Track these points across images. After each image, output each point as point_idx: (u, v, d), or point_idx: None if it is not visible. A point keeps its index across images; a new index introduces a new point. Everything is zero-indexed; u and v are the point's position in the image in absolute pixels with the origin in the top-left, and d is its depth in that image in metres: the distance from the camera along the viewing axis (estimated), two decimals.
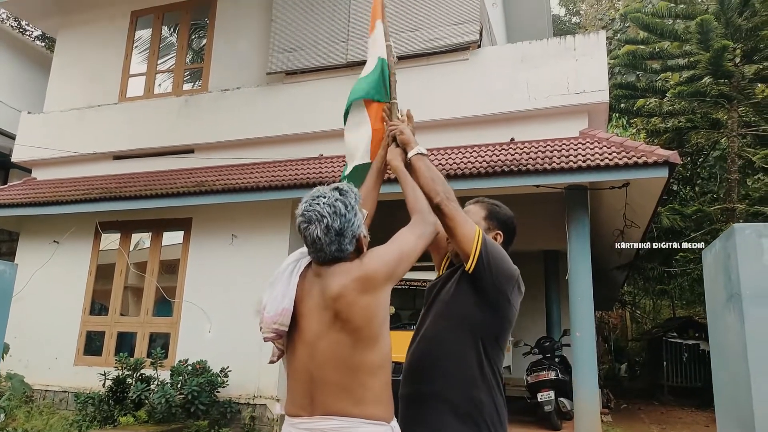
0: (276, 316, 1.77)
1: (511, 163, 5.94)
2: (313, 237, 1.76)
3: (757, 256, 2.49)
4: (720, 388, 2.82)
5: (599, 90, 6.34)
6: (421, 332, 2.08)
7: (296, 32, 7.68)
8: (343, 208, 1.77)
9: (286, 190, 6.69)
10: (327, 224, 1.75)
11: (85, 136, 8.65)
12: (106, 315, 7.78)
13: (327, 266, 1.80)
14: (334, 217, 1.76)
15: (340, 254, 1.78)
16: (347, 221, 1.77)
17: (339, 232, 1.76)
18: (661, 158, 5.34)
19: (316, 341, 1.73)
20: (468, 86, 6.80)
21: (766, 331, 2.42)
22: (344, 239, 1.77)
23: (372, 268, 1.73)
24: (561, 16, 19.61)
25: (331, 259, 1.79)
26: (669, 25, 8.51)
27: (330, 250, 1.77)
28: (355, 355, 1.70)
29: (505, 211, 2.25)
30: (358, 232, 1.80)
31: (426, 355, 2.03)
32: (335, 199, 1.78)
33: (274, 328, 1.78)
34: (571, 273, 6.04)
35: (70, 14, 9.73)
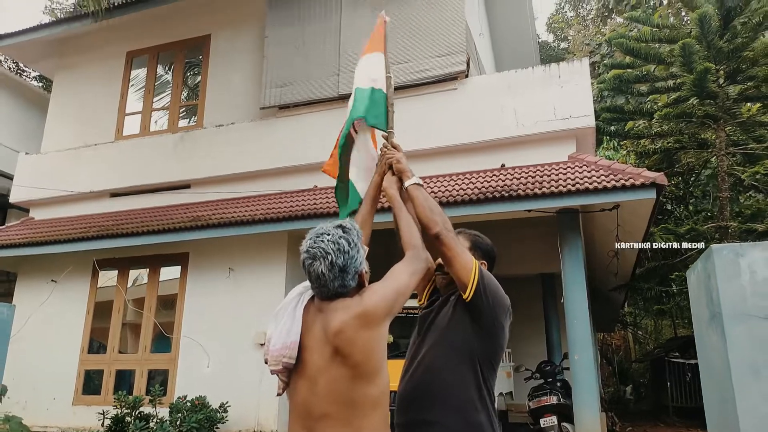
0: (284, 349, 1.82)
1: (502, 188, 6.04)
2: (317, 273, 1.82)
3: (735, 276, 2.57)
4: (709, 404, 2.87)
5: (585, 115, 6.49)
6: (417, 360, 2.15)
7: (288, 67, 7.87)
8: (347, 245, 1.83)
9: (282, 222, 6.77)
10: (331, 261, 1.80)
11: (81, 174, 8.77)
12: (104, 353, 7.78)
13: (329, 301, 1.85)
14: (338, 254, 1.81)
15: (342, 290, 1.84)
16: (350, 258, 1.83)
17: (342, 269, 1.81)
18: (648, 180, 5.44)
19: (317, 375, 1.77)
20: (458, 115, 6.95)
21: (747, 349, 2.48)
22: (347, 275, 1.82)
23: (372, 304, 1.79)
24: (549, 42, 20.04)
25: (334, 294, 1.84)
26: (653, 49, 8.73)
27: (333, 286, 1.82)
28: (354, 389, 1.74)
29: (486, 241, 2.36)
30: (360, 268, 1.86)
31: (423, 383, 2.09)
32: (339, 236, 1.84)
33: (284, 362, 1.82)
34: (567, 295, 6.09)
35: (66, 56, 9.96)
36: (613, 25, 15.71)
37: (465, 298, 2.08)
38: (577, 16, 20.82)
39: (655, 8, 12.45)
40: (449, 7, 7.25)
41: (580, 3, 21.07)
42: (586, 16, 20.18)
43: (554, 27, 20.70)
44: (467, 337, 2.09)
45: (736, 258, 2.72)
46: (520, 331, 10.74)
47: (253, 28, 8.56)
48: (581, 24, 19.47)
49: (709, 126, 8.53)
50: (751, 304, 2.63)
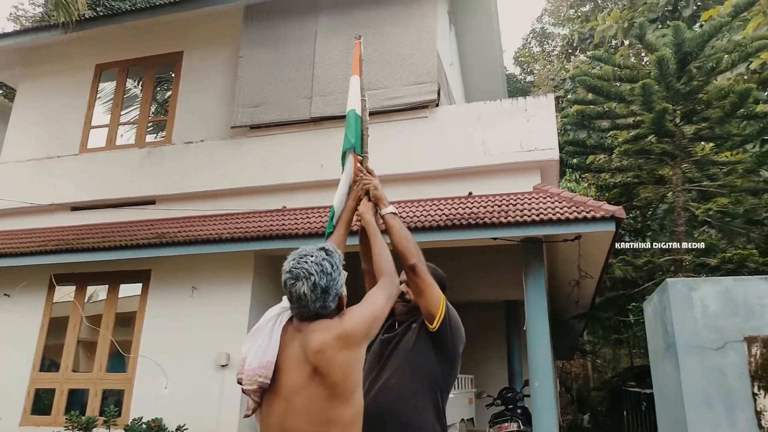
0: (260, 368, 1.82)
1: (469, 216, 6.17)
2: (299, 293, 1.85)
3: (688, 309, 2.71)
4: None
5: (550, 148, 6.71)
6: (379, 383, 2.23)
7: (261, 88, 7.91)
8: (330, 267, 1.88)
9: (249, 242, 6.72)
10: (314, 282, 1.84)
11: (42, 186, 8.54)
12: (56, 371, 7.50)
13: (308, 322, 1.88)
14: (321, 276, 1.86)
15: (323, 311, 1.88)
16: (333, 280, 1.88)
17: (325, 290, 1.86)
18: (608, 213, 5.64)
19: (292, 395, 1.79)
20: (427, 142, 7.10)
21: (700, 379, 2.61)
22: (329, 297, 1.87)
23: (351, 326, 1.83)
24: (516, 74, 20.67)
25: (314, 315, 1.88)
26: (615, 87, 9.12)
27: (314, 307, 1.86)
28: (331, 409, 1.76)
29: (441, 273, 2.50)
30: (341, 291, 1.92)
31: (388, 406, 2.17)
32: (322, 258, 1.89)
33: (259, 382, 1.82)
34: (529, 322, 6.21)
35: (32, 66, 9.77)
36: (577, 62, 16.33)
37: (432, 329, 2.21)
38: (542, 51, 21.57)
39: (617, 48, 13.03)
40: (422, 36, 7.44)
41: (545, 39, 21.86)
42: (551, 52, 20.93)
43: (521, 60, 21.38)
44: (430, 364, 2.22)
45: (689, 292, 2.88)
46: (483, 357, 10.85)
47: (227, 47, 8.59)
48: (546, 59, 20.17)
49: (666, 163, 8.91)
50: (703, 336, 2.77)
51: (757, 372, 2.53)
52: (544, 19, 22.14)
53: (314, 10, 8.07)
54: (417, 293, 2.24)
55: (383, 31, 7.58)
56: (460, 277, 7.64)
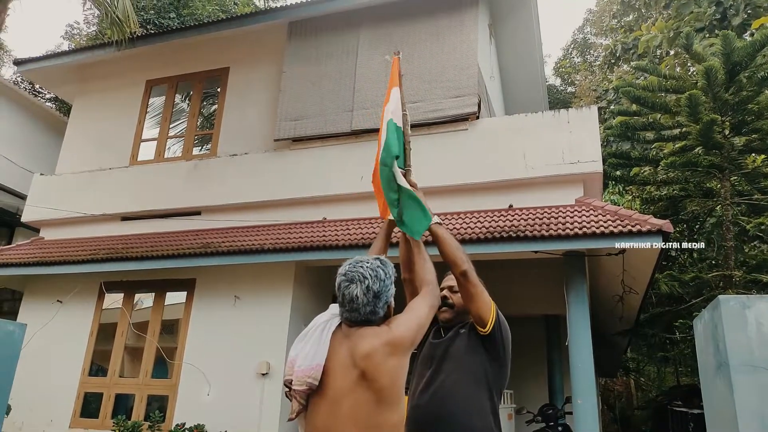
0: (309, 370, 1.88)
1: (509, 229, 6.12)
2: (351, 296, 1.91)
3: (741, 327, 2.62)
4: None
5: (593, 161, 6.61)
6: (433, 386, 2.31)
7: (303, 102, 8.08)
8: (383, 275, 1.95)
9: (290, 252, 6.83)
10: (367, 285, 1.91)
11: (94, 197, 8.90)
12: (104, 376, 7.76)
13: (356, 328, 1.93)
14: (374, 280, 1.92)
15: (372, 317, 1.93)
16: (385, 287, 1.94)
17: (376, 295, 1.92)
18: (655, 227, 5.51)
19: (340, 399, 1.83)
20: (468, 155, 7.09)
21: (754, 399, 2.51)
22: (379, 303, 1.93)
23: (399, 333, 1.88)
24: (557, 85, 20.45)
25: (363, 320, 1.93)
26: (660, 98, 8.92)
27: (365, 311, 1.91)
28: (377, 413, 1.80)
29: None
30: (390, 300, 1.98)
31: (443, 407, 2.26)
32: (377, 266, 1.97)
33: (308, 383, 1.87)
34: (571, 338, 6.09)
35: (87, 82, 10.22)
36: (620, 72, 16.05)
37: (484, 332, 2.33)
38: (584, 61, 21.28)
39: (662, 58, 12.75)
40: (462, 50, 7.47)
41: (587, 49, 21.57)
42: (593, 63, 20.63)
43: (562, 71, 21.14)
44: (483, 366, 2.33)
45: (742, 309, 2.78)
46: (523, 373, 10.64)
47: (271, 63, 8.81)
48: (588, 70, 19.89)
49: (714, 176, 8.65)
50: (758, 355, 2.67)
51: None
52: (586, 29, 21.86)
53: (356, 25, 8.20)
54: (468, 298, 2.34)
55: (424, 44, 7.64)
56: (500, 290, 7.54)
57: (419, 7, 7.90)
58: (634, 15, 16.36)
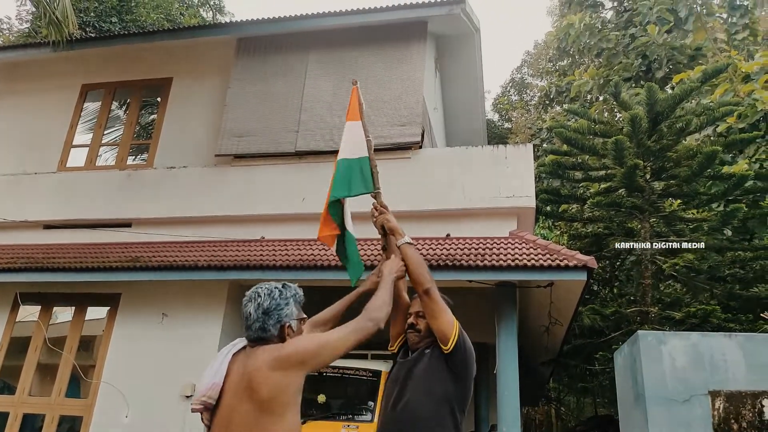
0: (206, 389, 2.00)
1: (446, 257, 6.27)
2: (246, 313, 2.08)
3: (657, 361, 2.83)
4: None
5: (527, 196, 6.92)
6: (399, 405, 2.39)
7: (248, 119, 8.01)
8: (278, 295, 2.09)
9: (225, 270, 6.69)
10: (259, 303, 2.06)
11: (15, 203, 8.39)
12: (12, 394, 7.23)
13: (254, 347, 2.06)
14: (267, 298, 2.07)
15: (263, 334, 2.05)
16: (276, 305, 2.06)
17: (266, 312, 2.04)
18: (581, 262, 5.81)
19: (230, 414, 1.94)
20: (409, 183, 7.23)
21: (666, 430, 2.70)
22: (269, 320, 2.04)
23: (287, 351, 1.98)
24: (495, 120, 21.27)
25: (256, 338, 2.06)
26: (589, 140, 9.47)
27: (255, 327, 2.05)
28: (259, 424, 1.89)
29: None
30: (284, 320, 2.08)
31: (407, 425, 2.33)
32: (275, 287, 2.12)
33: (203, 401, 2.00)
34: (499, 367, 6.26)
35: (16, 82, 9.71)
36: (553, 113, 16.90)
37: (446, 350, 2.41)
38: (521, 100, 22.29)
39: (592, 103, 13.57)
40: (409, 80, 7.68)
41: (524, 89, 22.61)
42: (529, 101, 21.64)
43: (500, 108, 22.03)
44: (447, 385, 2.40)
45: (659, 345, 3.01)
46: None
47: (217, 77, 8.70)
48: (524, 108, 20.83)
49: (635, 216, 9.22)
50: (671, 388, 2.88)
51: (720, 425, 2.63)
52: (524, 70, 22.95)
53: (305, 46, 8.27)
54: (431, 316, 2.45)
55: (373, 71, 7.80)
56: None
57: (370, 36, 8.08)
58: (568, 60, 17.35)
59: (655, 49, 12.09)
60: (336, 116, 7.54)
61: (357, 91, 3.16)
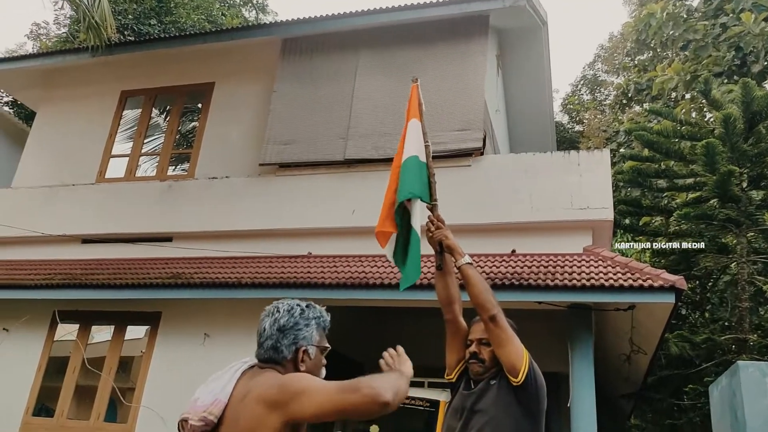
0: (208, 405, 1.92)
1: (511, 276, 6.25)
2: (261, 328, 2.05)
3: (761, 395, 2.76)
4: None
5: (603, 207, 6.81)
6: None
7: (293, 125, 8.24)
8: (298, 314, 2.04)
9: (270, 288, 6.85)
10: (276, 318, 2.02)
11: (53, 216, 8.88)
12: (51, 417, 7.63)
13: (261, 368, 2.00)
14: (285, 315, 2.02)
15: (274, 354, 1.99)
16: (295, 324, 2.01)
17: (281, 329, 2.00)
18: (668, 283, 5.67)
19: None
20: (469, 193, 7.26)
21: None
22: (284, 339, 1.98)
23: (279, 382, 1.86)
24: (564, 123, 20.98)
25: (266, 358, 2.01)
26: (674, 144, 9.26)
27: (267, 345, 2.01)
28: None
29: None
30: (301, 343, 2.01)
31: None
32: (297, 304, 2.07)
33: (202, 416, 1.90)
34: (574, 399, 6.17)
35: (54, 89, 10.32)
36: (632, 114, 16.54)
37: (516, 382, 2.39)
38: (594, 99, 21.91)
39: (677, 102, 13.23)
40: (468, 80, 7.73)
41: (597, 87, 22.23)
42: (603, 101, 21.25)
43: (570, 108, 21.71)
44: (517, 420, 2.38)
45: (762, 377, 2.92)
46: None
47: (261, 81, 8.99)
48: (598, 108, 20.47)
49: (730, 230, 8.92)
50: None
51: None
52: (597, 66, 22.56)
53: (355, 47, 8.46)
54: (497, 344, 2.44)
55: (428, 72, 7.88)
56: None
57: (425, 33, 8.19)
58: (648, 54, 16.97)
59: (751, 39, 11.68)
60: (388, 121, 7.66)
61: (417, 90, 3.23)
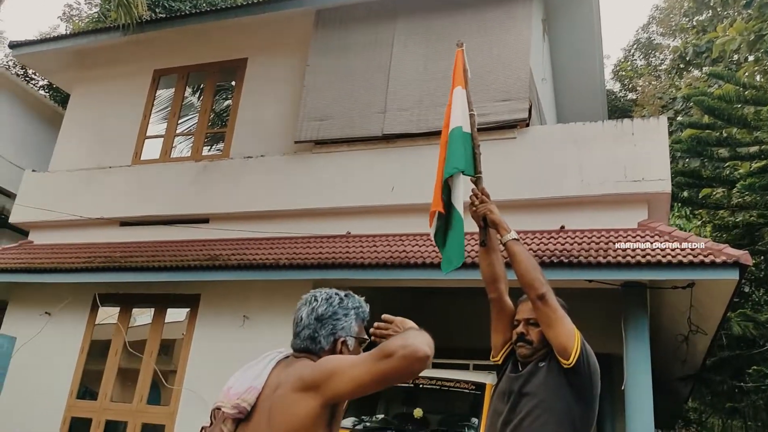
0: (241, 393, 1.89)
1: (561, 253, 6.15)
2: (297, 317, 2.01)
3: None
4: None
5: (660, 179, 6.62)
6: (508, 427, 2.36)
7: (329, 100, 8.23)
8: (337, 303, 2.00)
9: (308, 269, 6.94)
10: (313, 308, 1.98)
11: (91, 199, 9.13)
12: (94, 400, 7.91)
13: (297, 358, 1.97)
14: (323, 304, 1.99)
15: (311, 344, 1.95)
16: (333, 314, 1.97)
17: (319, 318, 1.96)
18: (731, 258, 5.49)
19: (255, 427, 1.84)
20: (515, 166, 7.15)
21: None
22: (321, 329, 1.95)
23: (315, 367, 1.83)
24: (615, 91, 20.43)
25: (303, 348, 1.97)
26: (737, 110, 8.92)
27: (304, 335, 1.97)
28: None
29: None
30: (339, 334, 1.96)
31: None
32: (336, 293, 2.04)
33: (237, 404, 1.87)
34: (628, 383, 6.08)
35: (87, 69, 10.53)
36: (690, 79, 15.99)
37: (567, 365, 2.33)
38: (648, 65, 21.25)
39: (740, 65, 12.70)
40: (512, 47, 7.56)
41: (652, 51, 21.53)
42: (659, 66, 20.60)
43: (622, 75, 21.12)
44: (567, 404, 2.33)
45: None
46: None
47: (294, 55, 8.99)
48: (653, 74, 19.86)
49: None
50: None
51: None
52: (651, 28, 21.84)
53: (391, 15, 8.36)
54: (547, 325, 2.38)
55: (469, 39, 7.65)
56: None
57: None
58: (708, 14, 16.32)
59: None
60: (428, 94, 7.58)
61: (462, 55, 3.15)
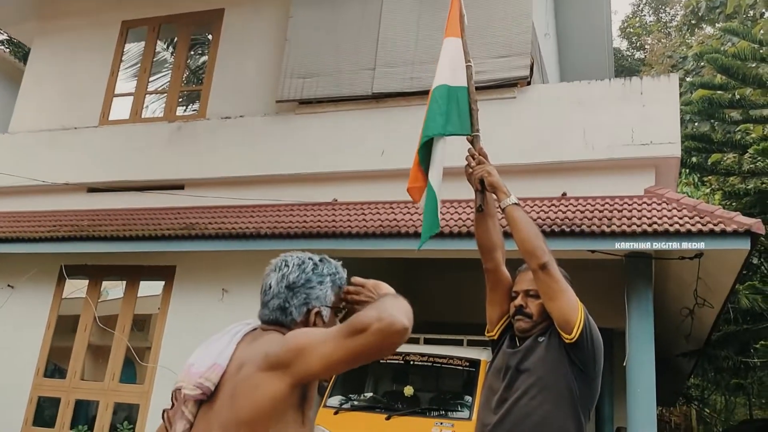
0: (205, 371, 1.77)
1: (562, 221, 6.13)
2: (266, 285, 1.86)
3: None
4: None
5: (670, 142, 6.58)
6: (505, 405, 2.33)
7: (314, 56, 8.07)
8: (310, 269, 1.85)
9: (292, 239, 6.87)
10: (284, 274, 1.83)
11: (56, 162, 8.96)
12: (63, 378, 7.88)
13: (264, 331, 1.84)
14: (295, 269, 1.84)
15: (281, 315, 1.82)
16: (307, 281, 1.83)
17: (290, 287, 1.82)
18: (742, 227, 5.49)
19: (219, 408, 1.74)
20: (514, 129, 7.08)
21: None
22: (293, 298, 1.81)
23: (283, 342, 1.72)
24: (622, 49, 20.30)
25: (272, 320, 1.83)
26: (752, 69, 8.86)
27: (273, 305, 1.83)
28: None
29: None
30: (313, 304, 1.84)
31: (514, 429, 2.28)
32: (309, 258, 1.89)
33: (198, 383, 1.76)
34: (630, 358, 6.12)
35: (49, 20, 10.25)
36: (702, 36, 15.89)
37: (569, 339, 2.31)
38: (657, 21, 21.09)
39: (756, 20, 12.60)
40: (514, 1, 7.43)
41: (662, 6, 21.35)
42: (669, 23, 20.45)
43: (629, 32, 20.98)
44: (568, 380, 2.31)
45: None
46: None
47: (276, 6, 8.78)
48: (662, 31, 19.72)
49: None
50: None
51: None
52: None
53: None
54: (548, 297, 2.34)
55: None
56: None
57: None
58: None
59: None
60: (421, 50, 7.44)
61: (459, 1, 3.04)
